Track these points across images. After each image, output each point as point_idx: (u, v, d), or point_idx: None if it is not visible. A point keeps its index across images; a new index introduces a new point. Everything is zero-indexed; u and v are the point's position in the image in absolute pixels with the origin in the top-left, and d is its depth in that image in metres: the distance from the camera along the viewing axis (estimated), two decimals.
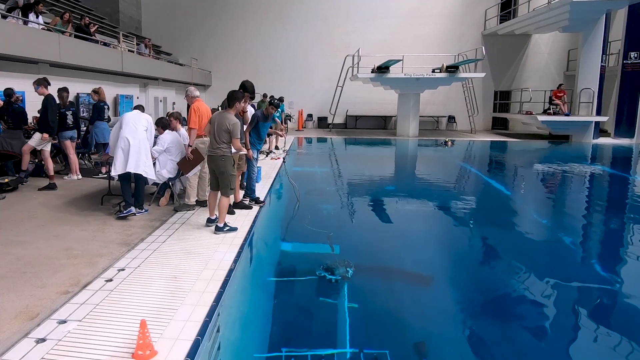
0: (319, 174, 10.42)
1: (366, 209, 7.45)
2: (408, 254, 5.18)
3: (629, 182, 10.27)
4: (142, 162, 5.43)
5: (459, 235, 6.22)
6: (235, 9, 22.01)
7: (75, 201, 6.29)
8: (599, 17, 16.02)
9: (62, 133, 7.55)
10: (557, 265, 4.88)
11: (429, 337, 3.32)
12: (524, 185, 10.16)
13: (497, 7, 20.99)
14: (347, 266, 4.32)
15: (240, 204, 6.03)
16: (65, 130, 7.58)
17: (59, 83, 8.93)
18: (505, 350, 3.22)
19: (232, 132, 4.81)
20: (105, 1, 19.77)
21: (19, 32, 8.93)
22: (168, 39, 21.91)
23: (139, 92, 15.48)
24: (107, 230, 4.95)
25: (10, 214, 5.54)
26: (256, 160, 6.44)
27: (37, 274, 3.72)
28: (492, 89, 21.79)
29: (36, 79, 6.89)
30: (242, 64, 21.61)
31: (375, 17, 21.58)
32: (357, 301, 3.77)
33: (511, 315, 3.72)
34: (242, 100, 5.09)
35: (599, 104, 16.86)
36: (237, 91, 5.11)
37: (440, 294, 4.17)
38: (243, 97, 5.12)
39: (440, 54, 19.42)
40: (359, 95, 21.08)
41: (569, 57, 20.98)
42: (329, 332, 3.33)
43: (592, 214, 7.53)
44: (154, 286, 3.50)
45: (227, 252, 4.30)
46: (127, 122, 5.48)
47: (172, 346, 2.66)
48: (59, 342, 2.70)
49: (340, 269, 4.26)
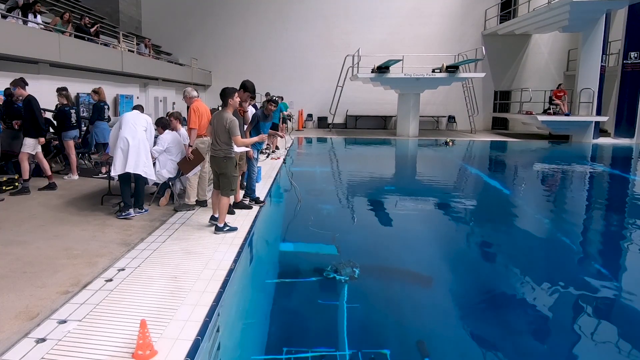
0: (319, 174, 10.41)
1: (366, 209, 7.45)
2: (408, 253, 5.17)
3: (628, 182, 10.26)
4: (142, 162, 5.43)
5: (459, 235, 6.22)
6: (235, 9, 22.02)
7: (75, 201, 6.29)
8: (599, 17, 16.02)
9: (66, 132, 7.54)
10: (558, 265, 4.88)
11: (430, 337, 3.32)
12: (528, 185, 10.15)
13: (497, 7, 20.99)
14: (352, 266, 4.32)
15: (240, 204, 6.03)
16: (69, 130, 7.56)
17: (59, 83, 8.95)
18: (506, 350, 3.22)
19: (231, 130, 4.78)
20: (105, 1, 19.79)
21: (19, 32, 8.93)
22: (168, 39, 21.92)
23: (139, 92, 15.49)
24: (107, 230, 4.95)
25: (10, 214, 5.54)
26: (256, 161, 6.45)
27: (37, 274, 3.72)
28: (492, 89, 21.79)
29: (12, 80, 6.64)
30: (242, 64, 21.61)
31: (375, 17, 21.59)
32: (358, 301, 3.77)
33: (512, 316, 3.72)
34: (234, 94, 4.94)
35: (599, 104, 16.86)
36: (227, 88, 5.00)
37: (441, 294, 4.17)
38: (235, 92, 5.02)
39: (440, 54, 19.43)
40: (359, 95, 21.09)
41: (569, 57, 20.98)
42: (330, 332, 3.32)
43: (592, 213, 7.53)
44: (154, 286, 3.50)
45: (227, 252, 4.30)
46: (126, 122, 5.48)
47: (172, 346, 2.66)
48: (59, 342, 2.70)
49: (346, 269, 4.25)
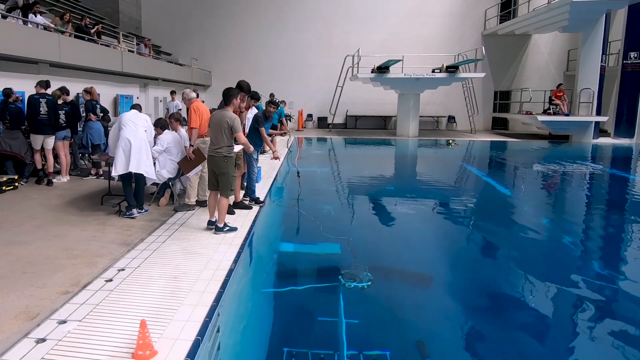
0: (319, 174, 10.41)
1: (366, 209, 7.45)
2: (409, 254, 5.17)
3: (628, 182, 10.26)
4: (144, 162, 5.44)
5: (460, 235, 6.21)
6: (235, 9, 22.01)
7: (75, 201, 6.29)
8: (599, 17, 16.01)
9: (56, 133, 7.55)
10: (558, 265, 4.88)
11: (432, 338, 3.32)
12: (533, 185, 10.14)
13: (497, 7, 20.99)
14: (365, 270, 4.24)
15: (240, 204, 6.03)
16: (59, 130, 7.58)
17: (59, 83, 8.94)
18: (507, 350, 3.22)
19: (234, 128, 4.78)
20: (105, 1, 19.77)
21: (19, 32, 8.92)
22: (168, 39, 21.91)
23: (139, 92, 15.48)
24: (107, 230, 4.95)
25: (10, 214, 5.54)
26: (256, 161, 6.45)
27: (37, 274, 3.72)
28: (492, 89, 21.78)
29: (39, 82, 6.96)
30: (242, 64, 21.61)
31: (375, 17, 21.58)
32: (358, 301, 3.77)
33: (514, 315, 3.73)
34: (237, 96, 5.05)
35: (598, 104, 16.86)
36: (232, 88, 5.08)
37: (442, 294, 4.17)
38: (238, 94, 5.10)
39: (440, 54, 19.42)
40: (358, 95, 21.08)
41: (569, 57, 20.97)
42: (330, 332, 3.32)
43: (592, 213, 7.53)
44: (154, 286, 3.50)
45: (227, 252, 4.30)
46: (126, 122, 5.47)
47: (172, 346, 2.66)
48: (59, 342, 2.70)
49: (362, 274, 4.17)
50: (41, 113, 7.19)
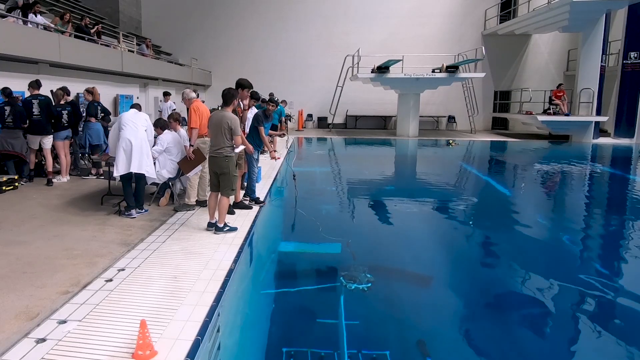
0: (318, 174, 10.41)
1: (366, 209, 7.44)
2: (409, 254, 5.18)
3: (628, 182, 10.26)
4: (144, 161, 5.45)
5: (459, 235, 6.21)
6: (235, 9, 22.02)
7: (75, 201, 6.29)
8: (599, 17, 16.02)
9: (57, 133, 7.56)
10: (558, 265, 4.88)
11: (432, 338, 3.32)
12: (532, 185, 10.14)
13: (497, 7, 20.99)
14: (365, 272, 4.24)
15: (240, 204, 6.03)
16: (60, 130, 7.59)
17: (58, 83, 8.95)
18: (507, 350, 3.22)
19: (234, 130, 4.79)
20: (105, 1, 19.78)
21: (19, 32, 8.92)
22: (168, 39, 21.91)
23: (139, 92, 15.48)
24: (107, 230, 4.95)
25: (10, 214, 5.54)
26: (256, 161, 6.45)
27: (37, 274, 3.72)
28: (492, 89, 21.79)
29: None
30: (242, 64, 21.61)
31: (375, 17, 21.58)
32: (359, 302, 3.77)
33: (514, 315, 3.73)
34: (237, 96, 5.09)
35: (598, 104, 16.85)
36: (232, 88, 5.09)
37: (442, 294, 4.17)
38: (238, 94, 5.13)
39: (440, 54, 19.42)
40: (358, 95, 21.08)
41: (569, 57, 20.98)
42: (330, 332, 3.33)
43: (592, 213, 7.52)
44: (154, 286, 3.50)
45: (227, 252, 4.30)
46: (126, 122, 5.47)
47: (172, 346, 2.66)
48: (59, 342, 2.70)
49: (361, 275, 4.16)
50: (34, 114, 7.25)
